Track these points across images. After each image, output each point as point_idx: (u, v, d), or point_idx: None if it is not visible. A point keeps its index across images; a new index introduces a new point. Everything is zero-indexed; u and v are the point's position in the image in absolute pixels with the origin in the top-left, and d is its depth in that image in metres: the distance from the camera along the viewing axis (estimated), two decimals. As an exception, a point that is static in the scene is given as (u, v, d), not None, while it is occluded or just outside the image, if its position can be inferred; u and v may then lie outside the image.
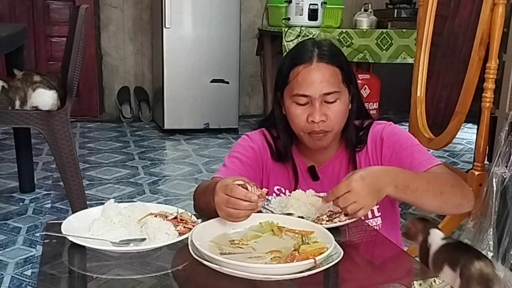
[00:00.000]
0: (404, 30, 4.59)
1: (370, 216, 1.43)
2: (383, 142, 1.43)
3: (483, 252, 2.23)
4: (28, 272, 2.20)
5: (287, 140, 1.47)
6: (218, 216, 1.15)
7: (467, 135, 4.57)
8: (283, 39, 4.39)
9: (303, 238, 1.09)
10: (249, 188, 1.10)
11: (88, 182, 3.29)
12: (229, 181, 1.12)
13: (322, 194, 1.35)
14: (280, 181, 1.49)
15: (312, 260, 0.97)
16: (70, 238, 1.07)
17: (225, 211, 1.10)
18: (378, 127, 1.46)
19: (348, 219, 1.24)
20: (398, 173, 1.25)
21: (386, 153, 1.42)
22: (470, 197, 1.33)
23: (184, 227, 1.12)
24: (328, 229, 1.13)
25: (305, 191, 1.34)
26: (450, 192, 1.28)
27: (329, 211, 1.28)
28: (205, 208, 1.24)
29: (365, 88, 4.77)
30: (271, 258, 1.03)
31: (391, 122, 1.49)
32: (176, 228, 1.11)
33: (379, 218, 1.45)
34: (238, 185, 1.10)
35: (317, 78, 1.36)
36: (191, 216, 1.17)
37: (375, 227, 1.42)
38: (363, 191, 1.16)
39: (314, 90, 1.36)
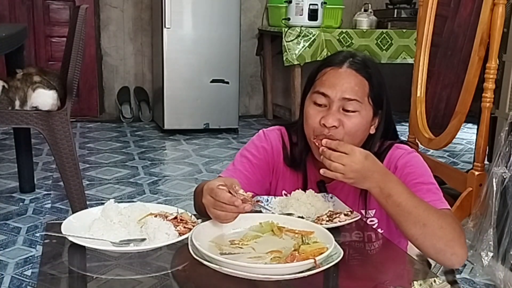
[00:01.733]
0: (404, 30, 4.59)
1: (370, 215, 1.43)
2: (397, 170, 1.34)
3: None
4: (28, 272, 2.20)
5: (305, 148, 1.42)
6: None
7: (467, 135, 4.57)
8: (283, 39, 4.39)
9: (303, 238, 1.09)
10: (232, 192, 1.10)
11: (88, 182, 3.29)
12: (215, 184, 1.12)
13: (321, 195, 1.35)
14: (288, 186, 1.44)
15: (312, 260, 0.97)
16: (70, 238, 1.07)
17: (213, 213, 1.11)
18: (397, 152, 1.39)
19: (348, 219, 1.24)
20: (391, 180, 1.21)
21: None
22: (458, 251, 1.19)
23: (184, 227, 1.12)
24: (328, 229, 1.13)
25: (305, 192, 1.34)
26: (434, 230, 1.18)
27: (329, 211, 1.28)
28: (203, 207, 1.24)
29: (365, 88, 4.76)
30: (271, 258, 1.03)
31: (413, 150, 1.41)
32: (176, 228, 1.11)
33: (375, 218, 1.43)
34: (224, 188, 1.11)
35: (341, 81, 1.33)
36: (191, 216, 1.17)
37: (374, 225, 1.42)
38: (356, 165, 1.16)
39: (335, 92, 1.32)
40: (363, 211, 1.38)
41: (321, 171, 1.19)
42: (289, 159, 1.45)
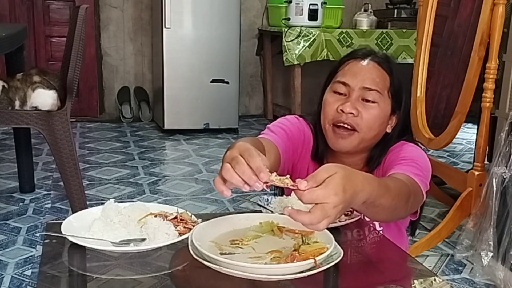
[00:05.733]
0: (404, 30, 4.59)
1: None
2: (391, 153, 1.37)
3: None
4: (28, 272, 2.20)
5: (325, 143, 1.40)
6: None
7: (467, 135, 4.57)
8: (283, 39, 4.39)
9: (303, 238, 1.09)
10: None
11: (88, 182, 3.29)
12: (252, 147, 0.97)
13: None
14: (304, 176, 1.39)
15: (312, 260, 0.97)
16: (70, 238, 1.07)
17: (224, 168, 0.93)
18: (399, 144, 1.39)
19: (348, 219, 1.24)
20: (374, 188, 1.02)
21: (388, 163, 1.34)
22: (419, 199, 1.22)
23: (184, 227, 1.12)
24: (328, 229, 1.13)
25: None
26: (401, 209, 1.16)
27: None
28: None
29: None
30: (271, 258, 1.03)
31: (417, 146, 1.40)
32: (176, 228, 1.11)
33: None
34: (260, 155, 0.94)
35: (363, 71, 1.34)
36: (191, 216, 1.17)
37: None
38: (337, 209, 0.93)
39: (356, 81, 1.33)
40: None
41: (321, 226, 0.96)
42: (314, 153, 1.43)
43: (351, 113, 1.32)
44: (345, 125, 1.34)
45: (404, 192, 1.18)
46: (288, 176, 0.96)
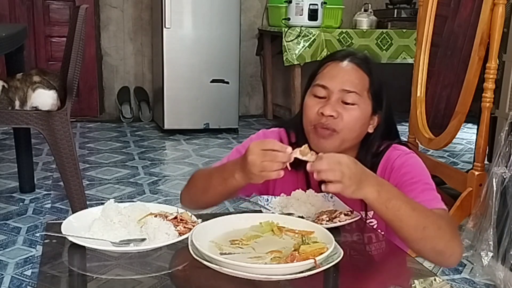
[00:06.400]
0: (404, 30, 4.59)
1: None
2: (393, 171, 1.34)
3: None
4: (28, 272, 2.20)
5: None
6: (216, 198, 1.29)
7: (467, 135, 4.57)
8: (283, 39, 4.39)
9: (303, 238, 1.09)
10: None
11: (88, 182, 3.29)
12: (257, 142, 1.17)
13: (321, 194, 1.35)
14: (287, 188, 1.40)
15: (312, 260, 0.97)
16: (70, 238, 1.07)
17: (260, 166, 1.13)
18: (394, 153, 1.37)
19: (348, 219, 1.24)
20: (385, 184, 1.16)
21: (392, 183, 1.29)
22: (456, 251, 1.19)
23: (184, 227, 1.12)
24: (328, 229, 1.13)
25: (305, 191, 1.34)
26: (434, 232, 1.16)
27: (329, 211, 1.28)
28: (207, 190, 1.29)
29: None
30: (271, 258, 1.03)
31: (411, 151, 1.39)
32: (176, 228, 1.11)
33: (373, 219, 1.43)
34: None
35: (341, 73, 1.35)
36: (191, 216, 1.17)
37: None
38: (351, 170, 1.08)
39: (335, 84, 1.34)
40: (362, 213, 1.38)
41: (322, 187, 1.12)
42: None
43: (331, 115, 1.32)
44: (325, 127, 1.34)
45: (431, 214, 1.18)
46: (306, 145, 1.17)
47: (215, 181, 1.31)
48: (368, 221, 1.40)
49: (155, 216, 1.14)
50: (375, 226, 1.41)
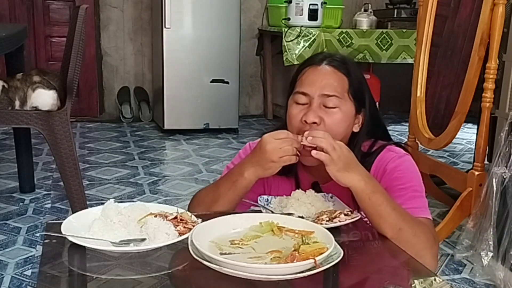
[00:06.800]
0: (404, 30, 4.59)
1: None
2: (384, 174, 1.35)
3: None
4: (28, 272, 2.20)
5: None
6: (226, 205, 1.31)
7: (467, 135, 4.57)
8: (283, 39, 4.39)
9: (303, 238, 1.09)
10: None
11: (88, 182, 3.29)
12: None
13: (321, 194, 1.35)
14: (282, 194, 1.40)
15: (312, 260, 0.97)
16: (70, 238, 1.07)
17: (280, 151, 1.23)
18: (388, 155, 1.37)
19: (348, 219, 1.24)
20: (373, 179, 1.24)
21: (382, 185, 1.30)
22: (428, 261, 1.20)
23: (184, 227, 1.12)
24: (328, 229, 1.13)
25: (305, 191, 1.34)
26: (408, 237, 1.20)
27: (329, 211, 1.28)
28: (216, 201, 1.31)
29: (365, 88, 4.77)
30: (271, 258, 1.03)
31: (405, 154, 1.38)
32: (176, 228, 1.11)
33: None
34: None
35: (320, 78, 1.35)
36: (191, 216, 1.17)
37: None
38: (343, 151, 1.20)
39: (314, 89, 1.34)
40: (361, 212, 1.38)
41: (313, 152, 1.21)
42: (287, 167, 1.40)
43: (314, 122, 1.32)
44: None
45: (410, 218, 1.23)
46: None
47: (222, 188, 1.32)
48: (364, 219, 1.40)
49: (155, 216, 1.14)
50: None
